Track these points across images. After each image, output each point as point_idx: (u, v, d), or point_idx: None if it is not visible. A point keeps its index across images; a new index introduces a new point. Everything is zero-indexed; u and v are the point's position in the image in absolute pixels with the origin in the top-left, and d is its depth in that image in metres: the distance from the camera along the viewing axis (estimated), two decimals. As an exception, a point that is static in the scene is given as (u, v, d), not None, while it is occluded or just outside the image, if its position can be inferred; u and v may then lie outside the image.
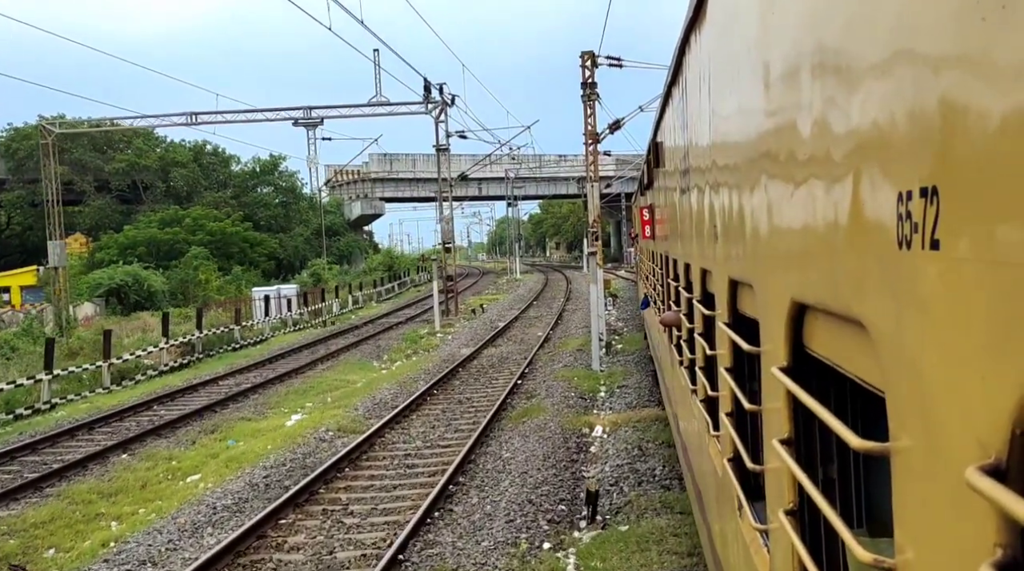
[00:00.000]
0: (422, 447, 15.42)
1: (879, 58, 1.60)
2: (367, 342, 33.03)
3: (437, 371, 24.17)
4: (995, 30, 1.11)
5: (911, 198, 1.42)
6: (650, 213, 14.25)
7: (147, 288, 50.26)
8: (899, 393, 1.56)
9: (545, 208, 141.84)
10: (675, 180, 7.65)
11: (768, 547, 3.21)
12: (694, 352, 6.15)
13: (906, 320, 1.49)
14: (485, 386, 21.61)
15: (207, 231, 62.04)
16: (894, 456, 1.60)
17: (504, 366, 24.80)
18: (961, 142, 1.23)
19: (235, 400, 21.38)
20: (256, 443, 16.17)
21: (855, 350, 1.91)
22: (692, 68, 5.44)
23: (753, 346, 3.27)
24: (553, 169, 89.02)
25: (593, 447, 14.54)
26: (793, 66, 2.37)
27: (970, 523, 1.20)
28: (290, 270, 69.47)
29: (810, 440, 2.66)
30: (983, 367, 1.17)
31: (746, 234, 3.37)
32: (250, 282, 56.04)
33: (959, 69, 1.24)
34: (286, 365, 27.41)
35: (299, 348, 31.91)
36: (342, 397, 20.62)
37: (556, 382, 20.42)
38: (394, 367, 26.77)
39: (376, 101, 40.90)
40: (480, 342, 30.31)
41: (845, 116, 1.85)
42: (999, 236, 1.12)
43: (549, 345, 28.82)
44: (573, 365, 23.16)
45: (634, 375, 21.01)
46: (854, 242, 1.80)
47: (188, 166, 75.61)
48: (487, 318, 39.64)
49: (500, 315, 40.88)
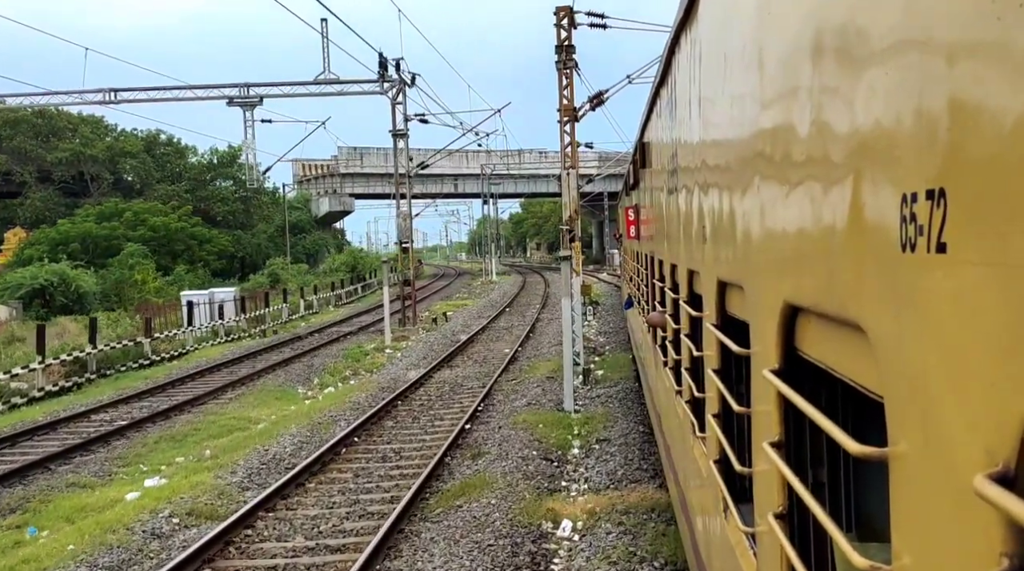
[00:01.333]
0: (300, 549, 10.23)
1: (880, 57, 1.58)
2: (302, 359, 27.77)
3: (369, 404, 19.02)
4: (1010, 29, 1.09)
5: (916, 200, 1.40)
6: (636, 213, 14.08)
7: (75, 289, 44.75)
8: (899, 398, 1.55)
9: (526, 207, 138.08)
10: (662, 180, 7.64)
11: (755, 550, 3.16)
12: (679, 353, 6.07)
13: (908, 324, 1.48)
14: (423, 431, 16.44)
15: (149, 226, 56.44)
16: (893, 461, 1.59)
17: (455, 399, 19.65)
18: (971, 143, 1.22)
19: (86, 450, 16.04)
20: (65, 534, 10.92)
21: (851, 354, 1.90)
22: (682, 68, 5.39)
23: (742, 348, 3.25)
24: (533, 165, 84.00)
25: (557, 566, 9.36)
26: (789, 63, 2.35)
27: (975, 531, 1.18)
28: (253, 269, 64.18)
29: (801, 443, 2.65)
30: (992, 373, 1.16)
31: (737, 235, 3.33)
32: (193, 283, 50.53)
33: (970, 69, 1.22)
34: (187, 391, 22.09)
35: (219, 366, 26.63)
36: (228, 448, 15.35)
37: (515, 431, 15.24)
38: (321, 396, 21.53)
39: (324, 79, 35.54)
40: (434, 361, 25.18)
41: (844, 117, 1.83)
42: (1010, 239, 1.10)
43: (515, 368, 23.70)
44: (540, 402, 17.98)
45: (619, 420, 15.79)
46: (853, 244, 1.78)
47: (139, 156, 70.27)
48: (450, 329, 34.44)
49: (465, 325, 35.70)
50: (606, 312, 38.33)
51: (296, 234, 78.03)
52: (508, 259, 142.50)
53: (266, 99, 39.36)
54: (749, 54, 2.94)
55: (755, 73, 2.83)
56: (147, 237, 55.47)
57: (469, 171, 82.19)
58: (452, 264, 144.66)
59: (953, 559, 1.29)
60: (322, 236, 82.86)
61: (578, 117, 21.78)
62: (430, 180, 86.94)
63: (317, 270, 70.41)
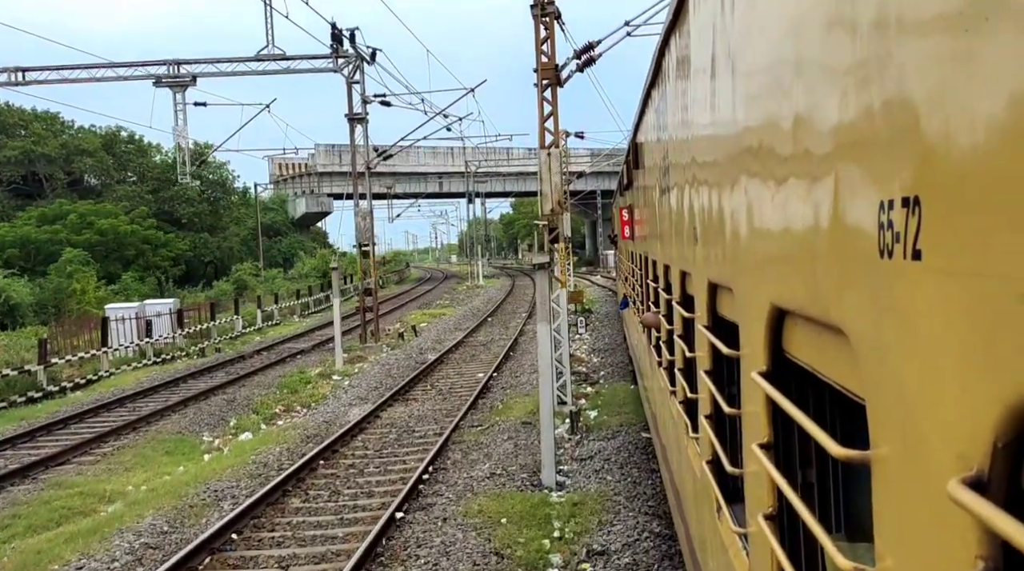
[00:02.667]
0: None
1: (859, 62, 1.60)
2: (230, 388, 22.61)
3: (281, 464, 13.96)
4: (979, 40, 1.12)
5: (893, 207, 1.42)
6: (630, 214, 13.75)
7: (5, 300, 39.71)
8: (879, 401, 1.56)
9: (516, 207, 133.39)
10: (654, 181, 7.64)
11: (747, 550, 3.20)
12: (673, 353, 6.07)
13: (887, 329, 1.49)
14: (338, 521, 11.25)
15: (96, 230, 51.15)
16: (874, 464, 1.59)
17: (397, 455, 14.53)
18: (944, 153, 1.24)
19: None
20: None
21: (835, 357, 1.90)
22: (672, 69, 5.49)
23: (732, 349, 3.28)
24: (520, 162, 79.05)
25: None
26: (773, 68, 2.37)
27: (951, 534, 1.20)
28: (224, 275, 59.00)
29: (789, 444, 2.66)
30: (965, 379, 1.17)
31: (726, 238, 3.37)
32: (140, 292, 45.31)
33: (942, 78, 1.24)
34: (53, 443, 16.79)
35: (124, 399, 21.45)
36: (27, 564, 10.15)
37: (464, 531, 10.04)
38: (229, 448, 16.33)
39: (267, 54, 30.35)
40: (387, 393, 20.12)
41: (825, 122, 1.85)
42: (982, 248, 1.12)
43: (486, 403, 18.61)
44: (509, 470, 12.78)
45: (622, 510, 10.52)
46: (835, 250, 1.79)
47: (97, 155, 65.10)
48: (418, 345, 29.31)
49: (438, 340, 30.58)
50: (601, 322, 33.25)
51: (271, 237, 73.05)
52: (500, 261, 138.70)
53: (200, 79, 34.06)
54: (735, 57, 2.97)
55: (741, 76, 2.87)
56: (94, 242, 50.24)
57: (455, 169, 76.89)
58: (441, 266, 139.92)
59: (932, 561, 1.31)
60: (299, 239, 77.47)
61: (561, 80, 16.64)
62: (413, 179, 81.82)
63: (290, 275, 65.14)
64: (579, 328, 30.29)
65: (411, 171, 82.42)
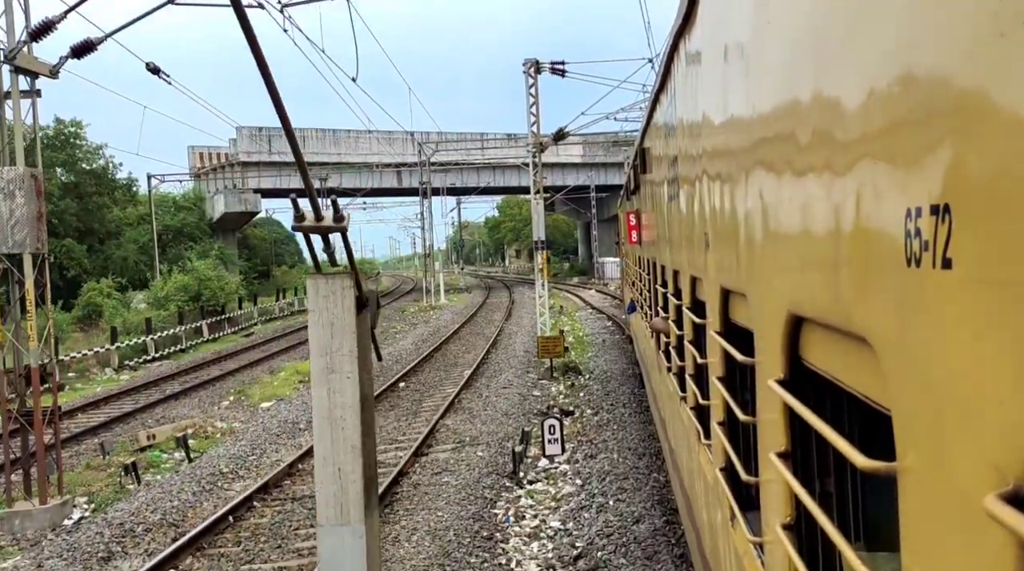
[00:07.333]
0: None
1: (881, 67, 1.58)
2: None
3: None
4: (1013, 45, 1.10)
5: (920, 215, 1.39)
6: (637, 218, 14.05)
7: None
8: (907, 412, 1.53)
9: (503, 209, 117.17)
10: (663, 186, 7.65)
11: (763, 560, 3.17)
12: (683, 359, 6.06)
13: (916, 339, 1.46)
14: None
15: None
16: (901, 475, 1.57)
17: None
18: (975, 160, 1.22)
19: None
20: None
21: (858, 366, 1.88)
22: (681, 73, 5.43)
23: (747, 356, 3.24)
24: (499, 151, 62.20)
25: None
26: (791, 70, 2.34)
27: (986, 549, 1.17)
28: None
29: (808, 453, 2.63)
30: (1001, 391, 1.15)
31: (739, 244, 3.35)
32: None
33: (974, 84, 1.21)
34: None
35: None
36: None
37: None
38: None
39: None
40: None
41: (847, 127, 1.81)
42: (1017, 257, 1.10)
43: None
44: None
45: None
46: (858, 257, 1.77)
47: None
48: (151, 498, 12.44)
49: (236, 468, 13.80)
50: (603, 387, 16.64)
51: (179, 244, 56.18)
52: (485, 267, 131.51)
53: None
54: (749, 60, 2.97)
55: (755, 80, 2.86)
56: None
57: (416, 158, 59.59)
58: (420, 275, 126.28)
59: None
60: (220, 246, 59.50)
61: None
62: (364, 172, 64.83)
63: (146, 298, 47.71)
64: (547, 441, 13.76)
65: (359, 161, 65.25)
